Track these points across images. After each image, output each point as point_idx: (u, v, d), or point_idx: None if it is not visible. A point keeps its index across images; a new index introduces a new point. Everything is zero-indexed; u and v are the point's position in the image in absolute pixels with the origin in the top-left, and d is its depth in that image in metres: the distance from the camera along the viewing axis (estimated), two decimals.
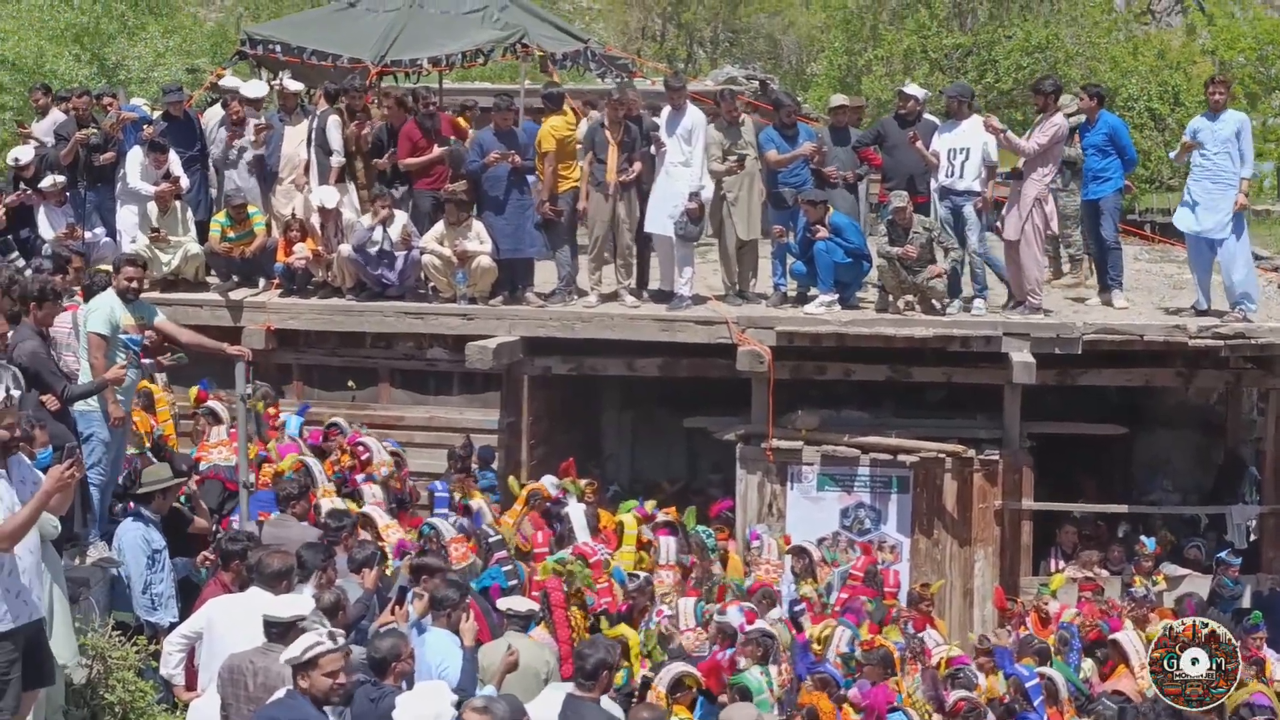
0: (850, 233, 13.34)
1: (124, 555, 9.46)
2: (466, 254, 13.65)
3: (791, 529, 13.53)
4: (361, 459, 12.52)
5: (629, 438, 16.86)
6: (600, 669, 7.61)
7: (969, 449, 13.54)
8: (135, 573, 9.36)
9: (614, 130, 13.69)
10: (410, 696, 6.72)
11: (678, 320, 13.66)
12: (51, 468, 7.41)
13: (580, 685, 7.66)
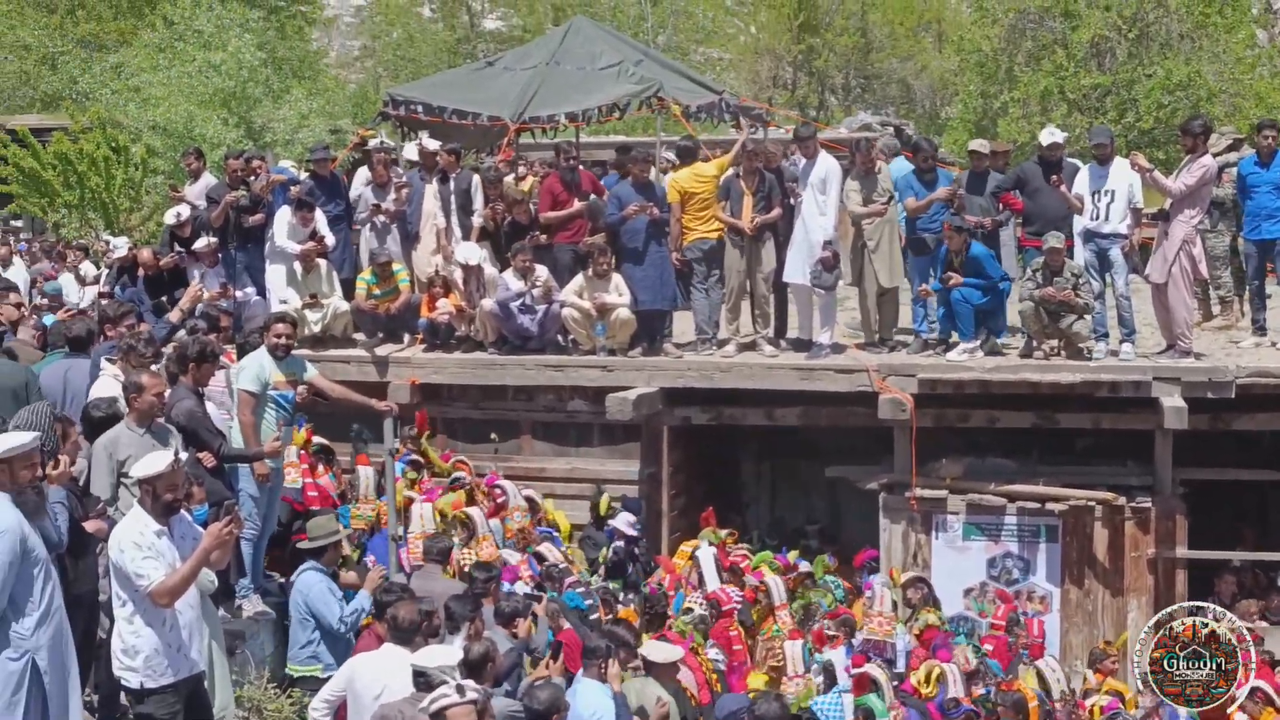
0: (988, 265, 13.19)
1: (313, 605, 9.57)
2: (606, 306, 13.78)
3: (937, 579, 13.31)
4: (498, 501, 12.73)
5: (768, 487, 16.79)
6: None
7: (1120, 496, 13.22)
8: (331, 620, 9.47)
9: (748, 180, 13.75)
10: None
11: (817, 369, 13.60)
12: (211, 525, 7.63)
13: None
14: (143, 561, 7.30)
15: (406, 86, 19.63)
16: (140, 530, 7.37)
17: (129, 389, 9.05)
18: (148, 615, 7.42)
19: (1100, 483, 13.38)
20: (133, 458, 8.50)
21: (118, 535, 7.41)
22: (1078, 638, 13.20)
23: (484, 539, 11.76)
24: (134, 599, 7.40)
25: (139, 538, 7.34)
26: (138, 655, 7.42)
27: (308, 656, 9.52)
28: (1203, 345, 13.55)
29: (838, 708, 9.75)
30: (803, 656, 10.97)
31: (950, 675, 10.74)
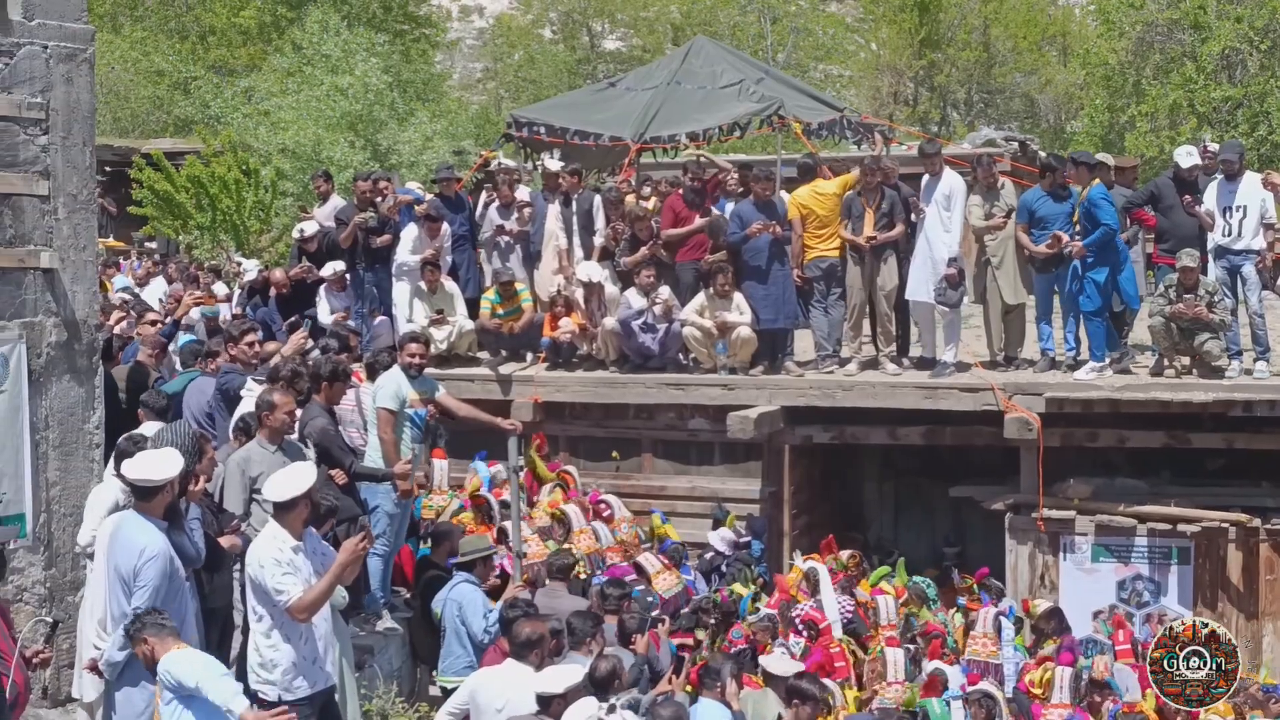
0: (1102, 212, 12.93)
1: (464, 614, 9.76)
2: (727, 325, 13.79)
3: (1065, 601, 13.07)
4: (604, 515, 12.94)
5: (891, 506, 16.65)
6: None
7: (1254, 518, 12.91)
8: (477, 631, 9.64)
9: (869, 197, 13.69)
10: None
11: (941, 387, 13.48)
12: (346, 541, 7.79)
13: None
14: (283, 578, 7.48)
15: (529, 108, 19.89)
16: (279, 546, 7.55)
17: (261, 406, 9.27)
18: (286, 629, 7.60)
19: (1234, 504, 13.07)
20: (264, 475, 8.73)
21: (257, 552, 7.60)
22: None
23: (581, 532, 11.85)
24: (272, 614, 7.58)
25: (278, 554, 7.52)
26: (275, 669, 7.60)
27: (464, 667, 9.62)
28: None
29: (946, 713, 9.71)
30: (904, 663, 10.88)
31: (1059, 678, 10.60)
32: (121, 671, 7.17)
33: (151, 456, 7.49)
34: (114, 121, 37.23)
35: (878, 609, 11.94)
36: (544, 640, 8.32)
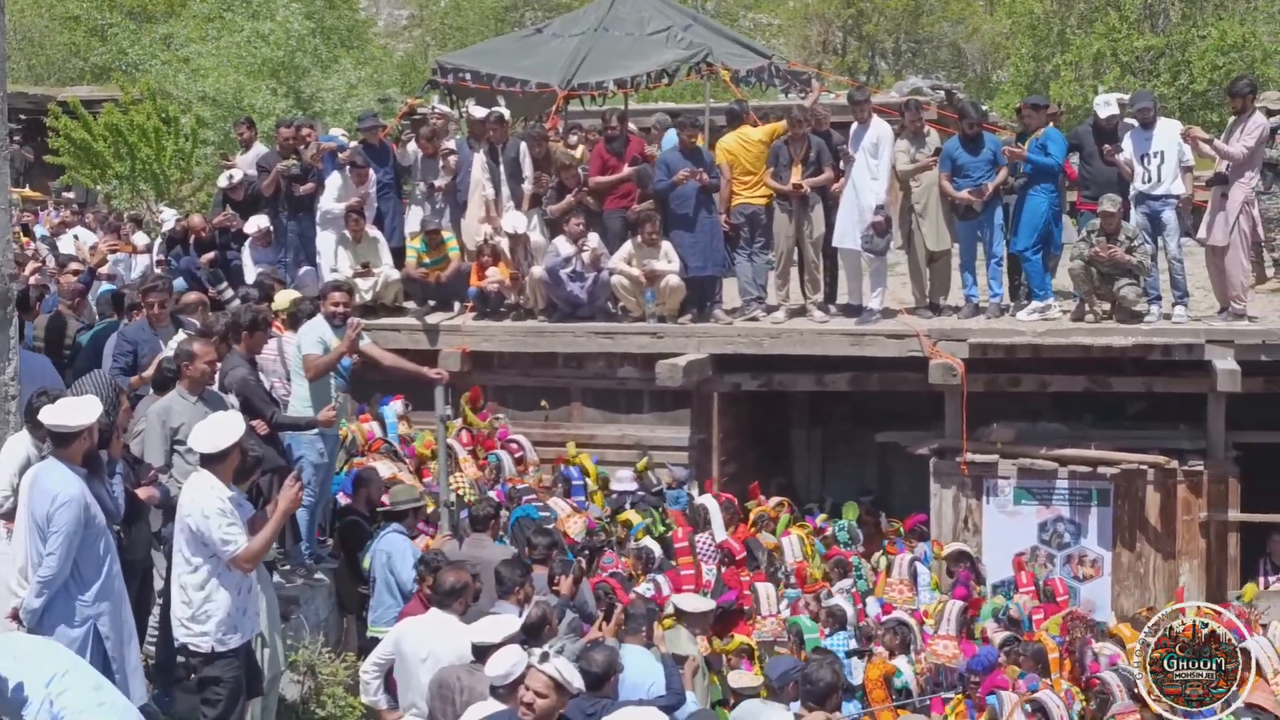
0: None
1: (393, 564, 9.75)
2: (655, 273, 13.78)
3: (987, 544, 13.33)
4: (515, 455, 13.07)
5: (819, 453, 16.77)
6: (830, 692, 7.59)
7: (1172, 460, 13.15)
8: (406, 581, 9.61)
9: (796, 146, 13.70)
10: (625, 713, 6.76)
11: (868, 334, 13.58)
12: (284, 489, 7.75)
13: (807, 707, 7.65)
14: (229, 528, 7.44)
15: (455, 54, 19.66)
16: (219, 496, 7.48)
17: (181, 356, 9.13)
18: (223, 580, 7.56)
19: (1152, 446, 13.31)
20: (185, 425, 8.63)
21: (199, 501, 7.49)
22: (1129, 601, 13.15)
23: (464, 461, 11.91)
24: (210, 565, 7.52)
25: (221, 504, 7.46)
26: (209, 620, 7.55)
27: (395, 617, 9.56)
28: (1256, 308, 13.40)
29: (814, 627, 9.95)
30: (775, 598, 11.09)
31: (948, 611, 10.98)
32: (40, 618, 7.08)
33: (70, 403, 7.36)
34: (29, 69, 36.41)
35: (783, 550, 12.02)
36: (468, 588, 8.30)
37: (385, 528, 10.15)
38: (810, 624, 10.38)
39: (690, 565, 11.57)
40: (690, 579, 11.33)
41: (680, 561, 11.62)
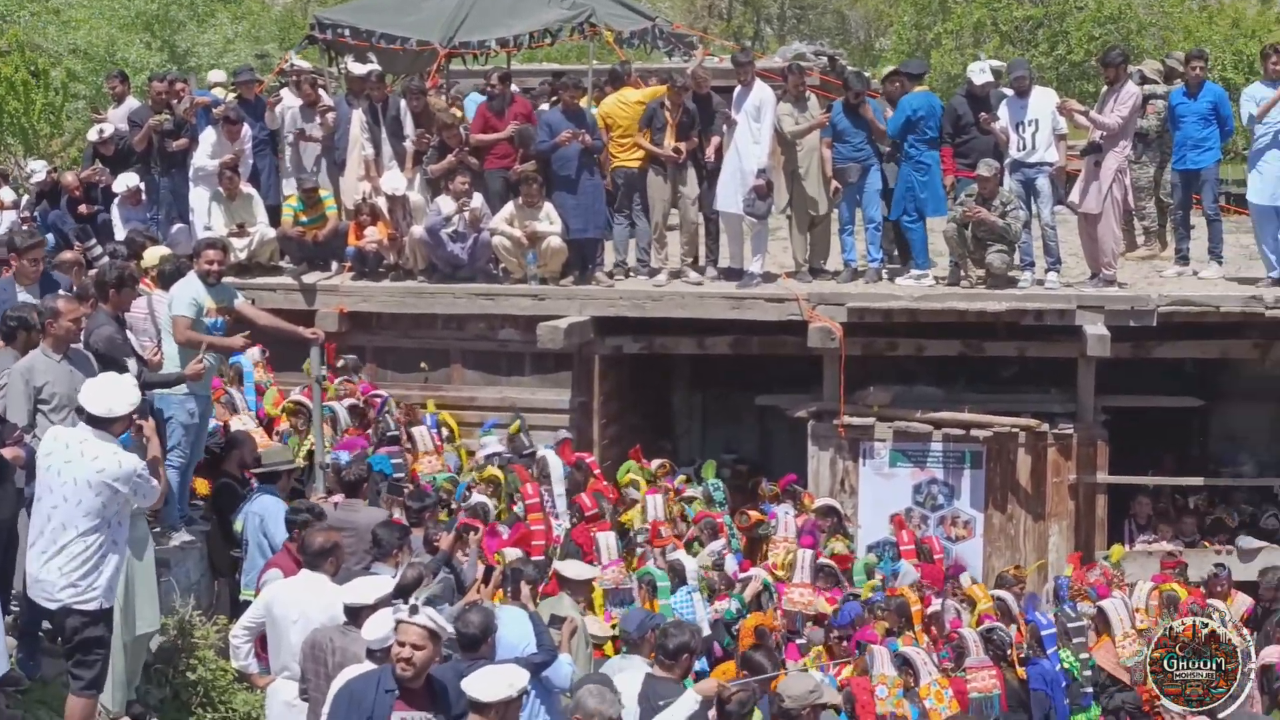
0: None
1: (266, 526, 9.63)
2: (537, 235, 13.70)
3: (863, 506, 13.54)
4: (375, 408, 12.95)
5: (700, 416, 16.86)
6: (682, 651, 7.65)
7: (1043, 423, 13.42)
8: (280, 541, 9.44)
9: (673, 111, 13.69)
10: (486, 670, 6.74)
11: (748, 298, 13.65)
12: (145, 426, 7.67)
13: (662, 665, 7.71)
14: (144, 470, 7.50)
15: (334, 10, 19.25)
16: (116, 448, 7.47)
17: (45, 314, 8.87)
18: (117, 538, 7.49)
19: (1024, 410, 13.59)
20: (50, 384, 8.42)
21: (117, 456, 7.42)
22: (1000, 561, 13.42)
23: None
24: (111, 522, 7.43)
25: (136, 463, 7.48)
26: (100, 576, 7.43)
27: None
28: (1126, 275, 13.72)
29: (689, 604, 10.02)
30: (616, 546, 11.20)
31: (800, 560, 11.14)
32: None
33: None
34: None
35: (646, 506, 12.16)
36: (338, 549, 8.22)
37: (258, 489, 9.99)
38: (662, 574, 10.44)
39: (540, 521, 11.56)
40: (540, 534, 11.31)
41: (531, 518, 11.60)
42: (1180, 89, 13.82)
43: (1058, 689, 9.79)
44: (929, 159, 13.46)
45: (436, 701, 6.68)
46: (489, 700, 6.35)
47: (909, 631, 10.25)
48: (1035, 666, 9.88)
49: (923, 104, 13.54)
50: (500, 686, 6.42)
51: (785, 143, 13.72)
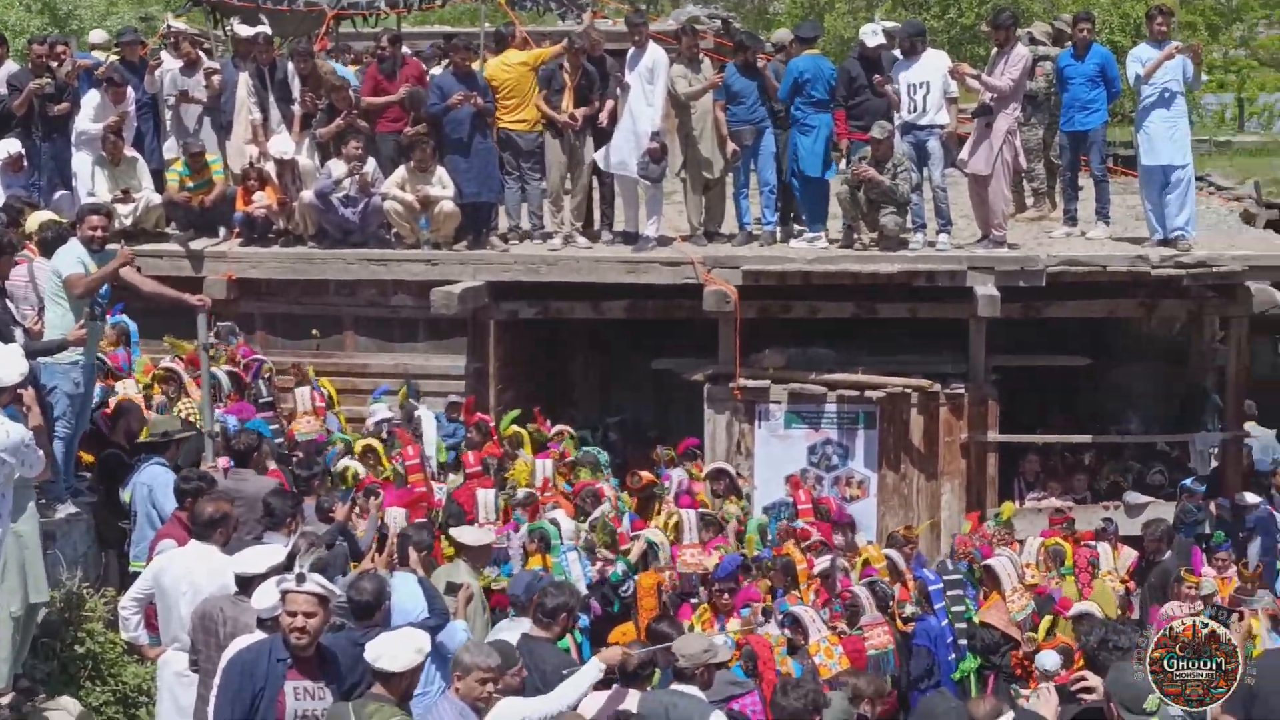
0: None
1: (155, 496, 9.47)
2: (429, 199, 13.55)
3: (759, 467, 13.61)
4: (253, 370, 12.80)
5: (598, 381, 16.83)
6: (560, 611, 7.68)
7: (935, 383, 13.58)
8: (169, 511, 9.29)
9: (572, 74, 13.60)
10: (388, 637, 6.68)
11: (643, 262, 13.62)
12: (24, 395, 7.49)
13: (539, 623, 7.72)
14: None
15: None
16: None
17: None
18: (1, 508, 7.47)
19: (917, 370, 13.73)
20: None
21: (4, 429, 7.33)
22: (894, 520, 13.57)
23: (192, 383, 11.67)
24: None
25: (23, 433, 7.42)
26: None
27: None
28: (1016, 236, 13.89)
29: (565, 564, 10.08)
30: (494, 504, 11.25)
31: (686, 521, 11.18)
32: None
33: None
34: None
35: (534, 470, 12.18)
36: (228, 518, 8.11)
37: (145, 459, 9.81)
38: (554, 529, 10.45)
39: (422, 483, 11.50)
40: (422, 495, 11.26)
41: (412, 479, 11.54)
42: (1068, 51, 14.01)
43: (943, 645, 9.96)
44: (815, 121, 13.50)
45: (327, 669, 6.61)
46: (398, 670, 6.32)
47: (795, 590, 10.34)
48: (922, 622, 10.04)
49: (810, 66, 13.59)
50: (407, 653, 6.41)
51: (679, 105, 13.70)
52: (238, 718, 6.46)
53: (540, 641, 7.62)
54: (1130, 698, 5.79)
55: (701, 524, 11.30)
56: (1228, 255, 13.14)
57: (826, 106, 13.59)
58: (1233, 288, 13.31)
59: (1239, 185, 17.56)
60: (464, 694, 6.58)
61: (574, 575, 10.03)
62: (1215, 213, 16.04)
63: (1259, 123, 30.25)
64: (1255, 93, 32.06)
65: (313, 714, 6.51)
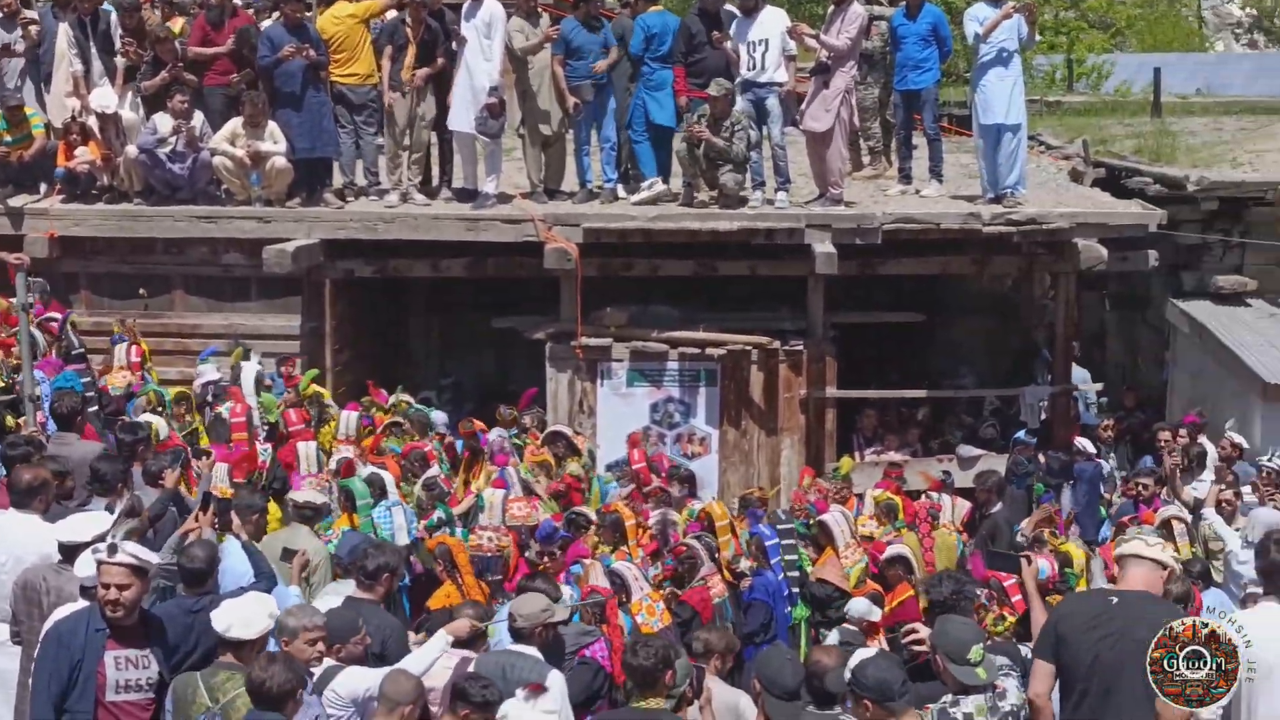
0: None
1: None
2: (260, 155, 13.20)
3: (602, 426, 13.59)
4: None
5: (438, 340, 16.64)
6: (382, 571, 7.58)
7: (774, 340, 13.68)
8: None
9: (414, 28, 13.34)
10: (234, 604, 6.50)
11: (483, 219, 13.46)
12: None
13: (361, 585, 7.61)
14: None
15: None
16: None
17: None
18: None
19: (757, 327, 13.82)
20: None
21: None
22: (735, 476, 13.70)
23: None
24: None
25: None
26: None
27: None
28: (853, 194, 14.02)
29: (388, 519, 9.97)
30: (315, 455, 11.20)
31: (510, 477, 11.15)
32: None
33: None
34: None
35: (339, 421, 12.10)
36: (47, 485, 7.81)
37: None
38: (362, 488, 10.31)
39: (245, 442, 11.27)
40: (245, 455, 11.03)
41: (235, 438, 11.31)
42: (900, 10, 14.14)
43: (780, 599, 10.08)
44: (661, 79, 13.46)
45: (152, 638, 6.41)
46: (252, 637, 6.17)
47: (623, 546, 10.36)
48: (760, 577, 10.13)
49: (657, 22, 13.54)
50: (259, 619, 6.30)
51: (516, 60, 13.52)
52: (55, 689, 6.23)
53: (365, 604, 7.49)
54: (954, 649, 5.90)
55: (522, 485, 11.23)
56: (1056, 213, 13.44)
57: (669, 61, 13.55)
58: (1061, 244, 13.63)
59: (1068, 144, 17.95)
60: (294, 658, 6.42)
61: (394, 525, 9.88)
62: (1045, 171, 16.39)
63: (1088, 83, 30.94)
64: (1084, 54, 32.79)
65: (136, 683, 6.32)
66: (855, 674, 5.74)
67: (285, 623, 6.50)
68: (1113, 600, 5.95)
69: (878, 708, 5.64)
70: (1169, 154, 16.32)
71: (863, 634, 8.84)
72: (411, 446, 11.84)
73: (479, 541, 9.53)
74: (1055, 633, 6.00)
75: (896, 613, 9.39)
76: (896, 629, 8.89)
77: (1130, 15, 39.06)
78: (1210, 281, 15.12)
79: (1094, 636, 5.89)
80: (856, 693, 5.74)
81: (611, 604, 8.82)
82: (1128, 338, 17.50)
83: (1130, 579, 6.09)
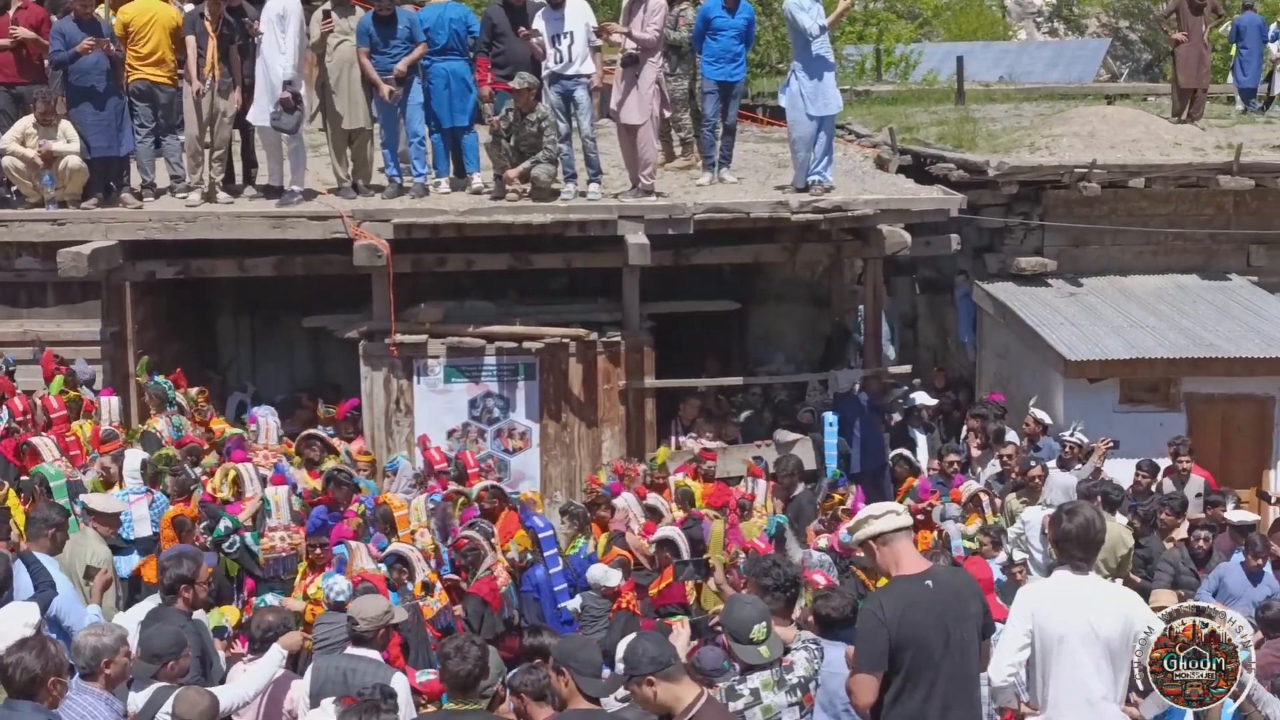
0: None
1: None
2: (53, 154, 12.72)
3: (420, 423, 13.43)
4: None
5: (249, 341, 16.24)
6: (180, 583, 7.40)
7: (592, 332, 13.68)
8: None
9: (213, 22, 12.98)
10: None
11: (290, 216, 13.18)
12: None
13: (165, 600, 7.44)
14: None
15: None
16: None
17: None
18: None
19: (574, 320, 13.81)
20: None
21: None
22: (556, 469, 13.69)
23: None
24: None
25: None
26: None
27: None
28: (665, 185, 14.08)
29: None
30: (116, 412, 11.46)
31: (245, 475, 11.02)
32: None
33: None
34: None
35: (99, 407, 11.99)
36: None
37: None
38: (57, 471, 10.19)
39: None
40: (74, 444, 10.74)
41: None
42: (717, 2, 14.15)
43: (546, 591, 10.20)
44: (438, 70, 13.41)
45: None
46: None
47: (395, 536, 10.42)
48: (531, 571, 10.25)
49: (430, 15, 13.56)
50: (17, 630, 6.08)
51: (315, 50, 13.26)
52: None
53: (174, 612, 7.29)
54: (737, 628, 5.95)
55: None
56: (861, 200, 13.69)
57: (454, 53, 13.42)
58: (867, 231, 13.89)
59: (876, 133, 18.28)
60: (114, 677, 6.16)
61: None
62: (851, 159, 16.68)
63: (896, 73, 31.61)
64: (892, 44, 33.55)
65: None
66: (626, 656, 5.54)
67: (92, 644, 6.17)
68: (927, 584, 5.77)
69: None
70: (970, 141, 16.75)
71: (607, 600, 9.42)
72: (189, 439, 11.68)
73: (272, 543, 9.41)
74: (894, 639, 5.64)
75: (665, 594, 9.77)
76: (663, 609, 9.33)
77: (937, 5, 40.12)
78: (1012, 263, 15.57)
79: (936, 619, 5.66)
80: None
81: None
82: (938, 320, 17.94)
83: (906, 555, 5.88)
